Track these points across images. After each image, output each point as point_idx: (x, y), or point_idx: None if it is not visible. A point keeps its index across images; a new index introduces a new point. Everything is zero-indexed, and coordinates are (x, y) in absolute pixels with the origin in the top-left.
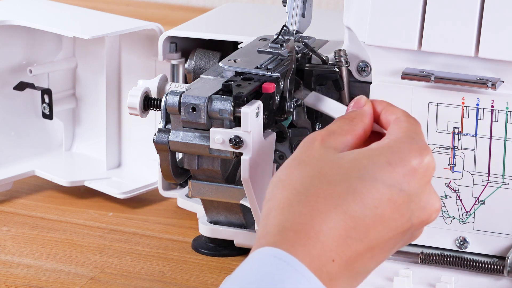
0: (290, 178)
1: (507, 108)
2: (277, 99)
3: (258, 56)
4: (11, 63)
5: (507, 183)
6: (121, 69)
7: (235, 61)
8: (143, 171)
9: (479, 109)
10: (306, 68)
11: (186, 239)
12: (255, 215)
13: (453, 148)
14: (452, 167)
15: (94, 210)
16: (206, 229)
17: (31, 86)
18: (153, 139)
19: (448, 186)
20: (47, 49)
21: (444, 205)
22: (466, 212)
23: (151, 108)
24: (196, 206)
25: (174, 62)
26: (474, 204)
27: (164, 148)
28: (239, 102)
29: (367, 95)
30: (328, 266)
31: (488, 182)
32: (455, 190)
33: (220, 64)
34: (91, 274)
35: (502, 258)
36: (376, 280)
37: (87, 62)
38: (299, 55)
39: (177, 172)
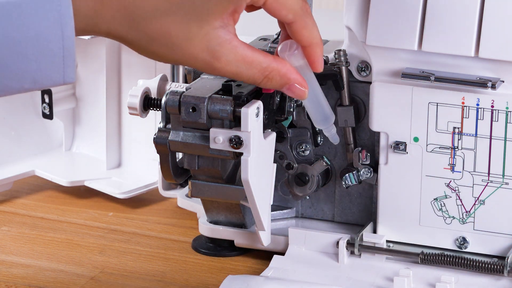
0: None
1: (507, 108)
2: (277, 99)
3: None
4: None
5: (507, 183)
6: (121, 69)
7: None
8: (143, 171)
9: (479, 109)
10: None
11: (186, 239)
12: (255, 215)
13: (453, 148)
14: (452, 167)
15: (94, 210)
16: (206, 229)
17: None
18: (153, 139)
19: (448, 186)
20: None
21: (444, 205)
22: (466, 212)
23: (151, 108)
24: (196, 206)
25: None
26: (474, 204)
27: (164, 148)
28: (239, 102)
29: (367, 95)
30: None
31: (488, 182)
32: (455, 190)
33: None
34: (91, 274)
35: (502, 258)
36: (376, 280)
37: (87, 62)
38: None
39: (177, 172)
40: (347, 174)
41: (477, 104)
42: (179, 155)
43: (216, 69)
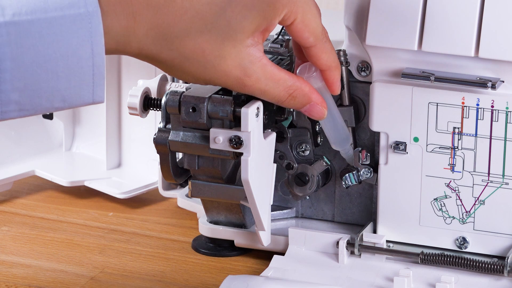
0: None
1: (507, 108)
2: None
3: None
4: None
5: (507, 183)
6: (121, 69)
7: None
8: (143, 171)
9: (479, 109)
10: None
11: (186, 239)
12: (255, 215)
13: (453, 148)
14: (452, 167)
15: (94, 210)
16: (206, 229)
17: None
18: (153, 139)
19: (448, 186)
20: None
21: (444, 205)
22: (466, 212)
23: (151, 108)
24: (196, 206)
25: None
26: (474, 204)
27: (164, 148)
28: (239, 102)
29: (367, 95)
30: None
31: (488, 182)
32: (455, 190)
33: None
34: (91, 274)
35: (502, 258)
36: (376, 280)
37: None
38: None
39: (177, 172)
40: (347, 174)
41: (477, 104)
42: (179, 155)
43: (246, 86)
